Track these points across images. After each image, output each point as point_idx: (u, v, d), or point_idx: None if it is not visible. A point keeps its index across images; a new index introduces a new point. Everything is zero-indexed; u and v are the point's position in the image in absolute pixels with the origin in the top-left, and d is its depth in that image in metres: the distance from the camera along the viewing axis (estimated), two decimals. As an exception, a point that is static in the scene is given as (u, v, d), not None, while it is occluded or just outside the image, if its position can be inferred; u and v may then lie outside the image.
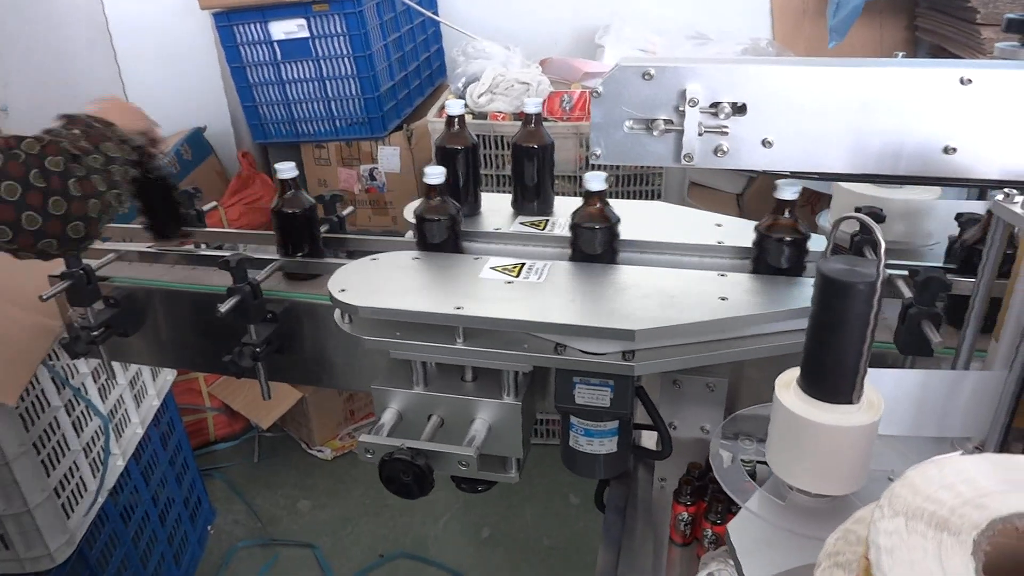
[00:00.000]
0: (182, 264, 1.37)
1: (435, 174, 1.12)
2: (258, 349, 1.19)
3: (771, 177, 1.03)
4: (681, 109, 0.95)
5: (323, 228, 1.36)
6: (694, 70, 0.96)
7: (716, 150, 0.98)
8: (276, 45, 2.51)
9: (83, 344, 1.29)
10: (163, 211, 1.28)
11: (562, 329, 0.97)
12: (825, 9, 2.54)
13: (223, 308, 1.12)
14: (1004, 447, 0.81)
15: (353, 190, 2.65)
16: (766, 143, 0.97)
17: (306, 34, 2.49)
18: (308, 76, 2.56)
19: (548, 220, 1.26)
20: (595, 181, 1.09)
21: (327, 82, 2.55)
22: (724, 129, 0.96)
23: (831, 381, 0.73)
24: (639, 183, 2.39)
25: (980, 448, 0.84)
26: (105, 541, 1.73)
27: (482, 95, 2.23)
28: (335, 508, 2.42)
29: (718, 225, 1.22)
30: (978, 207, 1.19)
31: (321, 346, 1.26)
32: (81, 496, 1.69)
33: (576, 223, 1.12)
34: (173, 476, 1.97)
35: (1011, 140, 0.90)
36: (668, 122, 0.97)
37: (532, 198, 1.29)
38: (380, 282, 1.08)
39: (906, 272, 1.05)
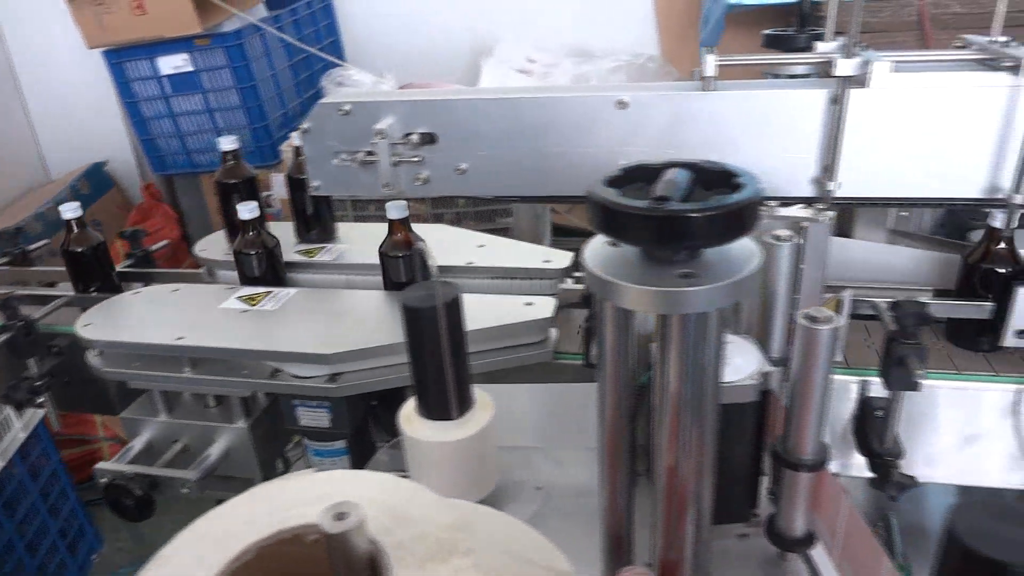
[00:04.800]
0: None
1: (248, 209, 1.16)
2: (37, 383, 1.24)
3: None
4: (373, 141, 1.00)
5: (127, 262, 1.41)
6: (387, 104, 1.01)
7: (416, 179, 1.03)
8: (165, 80, 2.58)
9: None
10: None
11: (269, 356, 1.01)
12: (705, 22, 2.59)
13: (-11, 345, 1.17)
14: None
15: (251, 217, 2.70)
16: (459, 171, 1.02)
17: (192, 68, 2.55)
18: (198, 108, 2.62)
19: (324, 247, 1.30)
20: (395, 210, 1.11)
21: (216, 113, 2.61)
22: (416, 159, 1.01)
23: (430, 400, 0.77)
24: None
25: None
26: (-34, 572, 1.77)
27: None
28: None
29: (480, 246, 1.26)
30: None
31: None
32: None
33: (381, 251, 1.14)
34: (46, 508, 2.02)
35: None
36: (369, 154, 1.02)
37: (312, 227, 1.33)
38: (128, 316, 1.12)
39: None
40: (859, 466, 0.99)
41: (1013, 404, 0.98)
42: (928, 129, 0.88)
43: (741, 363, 0.72)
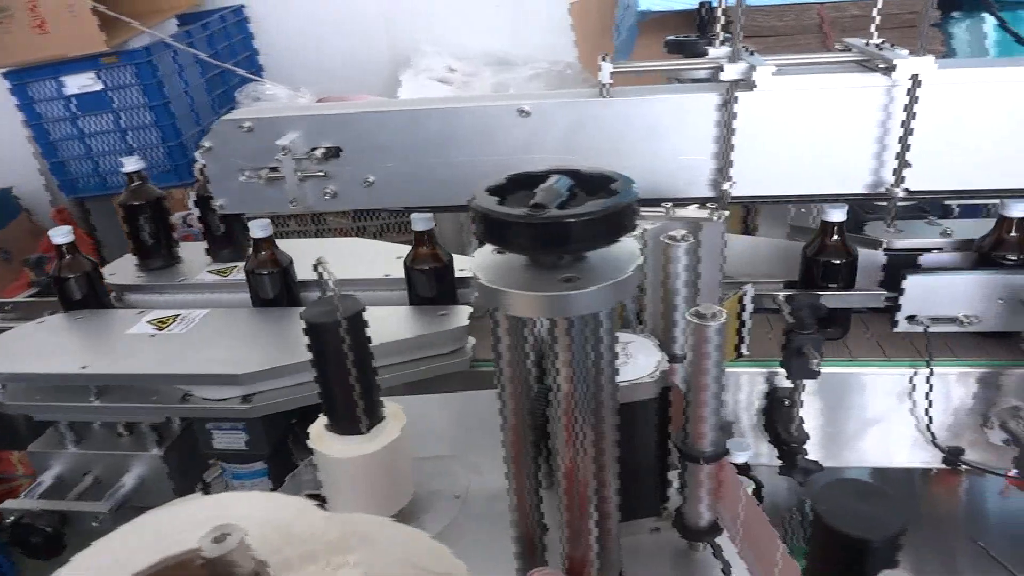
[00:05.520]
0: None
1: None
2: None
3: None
4: (277, 158, 0.99)
5: (32, 291, 1.36)
6: (289, 120, 1.00)
7: (323, 193, 1.02)
8: (72, 100, 2.49)
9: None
10: None
11: (178, 380, 0.99)
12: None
13: None
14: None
15: (172, 237, 2.63)
16: (367, 183, 1.02)
17: (100, 87, 2.47)
18: (109, 128, 2.54)
19: (237, 266, 1.28)
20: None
21: (128, 133, 2.53)
22: (322, 173, 1.00)
23: (338, 415, 0.77)
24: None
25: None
26: None
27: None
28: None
29: (397, 258, 1.26)
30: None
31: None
32: None
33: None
34: (-44, 549, 1.93)
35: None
36: (274, 170, 1.01)
37: (224, 245, 1.31)
38: (30, 346, 1.08)
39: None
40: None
41: (908, 386, 1.03)
42: (812, 128, 0.92)
43: (643, 361, 0.74)
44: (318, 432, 0.78)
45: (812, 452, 1.08)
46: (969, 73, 0.88)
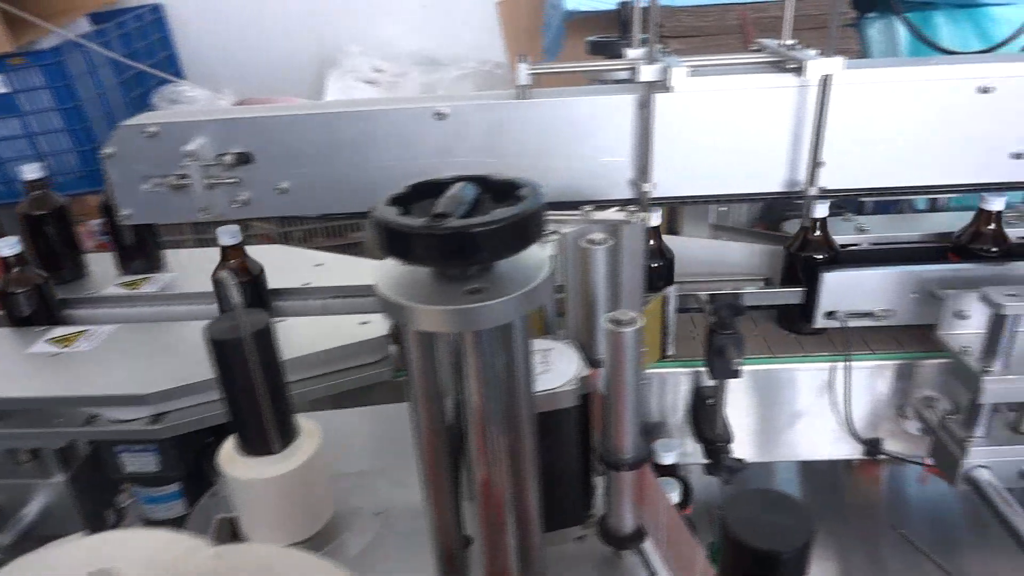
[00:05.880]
0: None
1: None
2: None
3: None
4: (184, 164, 0.94)
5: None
6: (196, 124, 0.96)
7: (233, 201, 0.98)
8: (-23, 104, 2.36)
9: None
10: None
11: (81, 401, 0.93)
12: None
13: None
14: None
15: (86, 246, 2.52)
16: (281, 190, 0.98)
17: (7, 89, 2.34)
18: (16, 133, 2.41)
19: (149, 278, 1.23)
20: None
21: (38, 138, 2.41)
22: (233, 180, 0.96)
23: (248, 435, 0.73)
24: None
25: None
26: None
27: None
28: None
29: (318, 265, 1.23)
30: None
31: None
32: None
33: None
34: None
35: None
36: (182, 177, 0.96)
37: (136, 256, 1.25)
38: (-82, 370, 1.01)
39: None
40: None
41: (828, 381, 1.05)
42: (729, 129, 0.93)
43: (563, 368, 0.73)
44: (228, 453, 0.75)
45: (743, 449, 1.09)
46: (877, 73, 0.90)
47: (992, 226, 1.04)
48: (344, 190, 0.98)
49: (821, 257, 1.04)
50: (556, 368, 0.73)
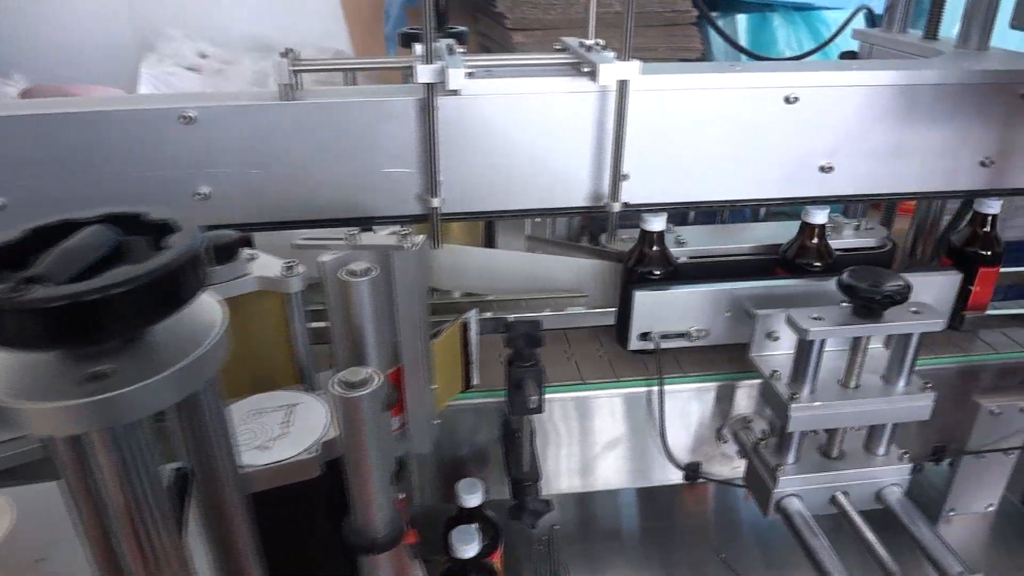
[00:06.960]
0: None
1: None
2: None
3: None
4: None
5: None
6: None
7: None
8: None
9: None
10: None
11: None
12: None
13: None
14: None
15: None
16: (-9, 207, 0.80)
17: None
18: None
19: None
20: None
21: None
22: None
23: None
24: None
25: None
26: None
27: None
28: None
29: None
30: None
31: None
32: None
33: None
34: None
35: (250, 181, 0.82)
36: None
37: None
38: None
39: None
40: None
41: (645, 405, 0.98)
42: (525, 137, 0.83)
43: (306, 430, 0.61)
44: None
45: (566, 479, 1.01)
46: (677, 79, 0.83)
47: (815, 240, 1.00)
48: (75, 207, 0.81)
49: (659, 273, 0.97)
50: (297, 430, 0.61)
